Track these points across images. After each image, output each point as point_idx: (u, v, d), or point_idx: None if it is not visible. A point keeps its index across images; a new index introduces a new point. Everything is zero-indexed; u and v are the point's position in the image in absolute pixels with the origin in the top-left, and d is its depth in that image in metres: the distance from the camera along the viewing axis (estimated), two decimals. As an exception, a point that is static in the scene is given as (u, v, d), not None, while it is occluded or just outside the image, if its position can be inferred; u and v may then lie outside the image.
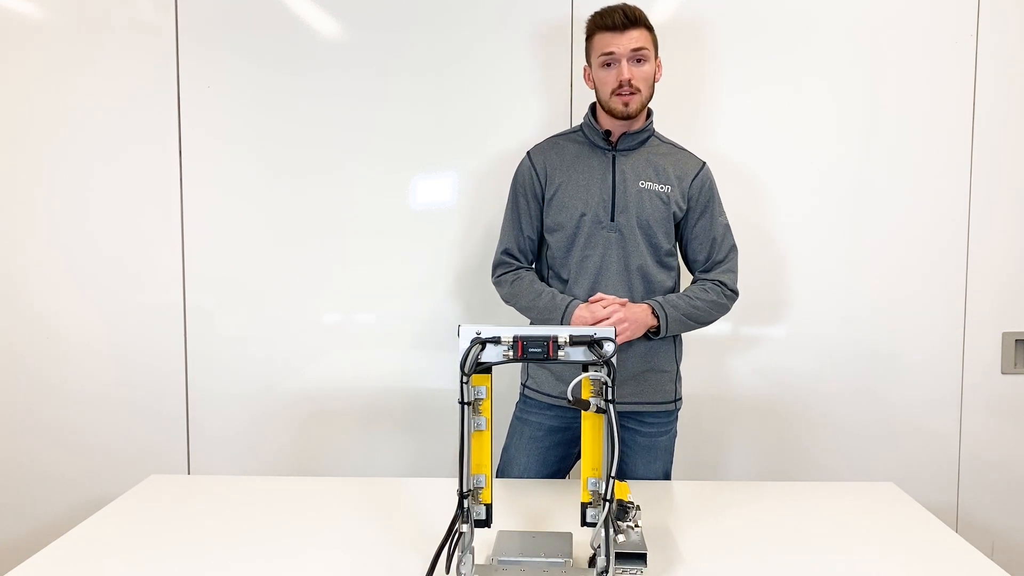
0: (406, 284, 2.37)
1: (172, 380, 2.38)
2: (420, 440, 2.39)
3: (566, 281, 1.88)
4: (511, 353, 1.28)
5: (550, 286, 1.90)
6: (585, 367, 1.29)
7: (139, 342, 2.37)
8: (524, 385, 1.98)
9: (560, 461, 1.96)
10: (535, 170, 1.91)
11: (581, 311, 1.76)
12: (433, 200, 2.36)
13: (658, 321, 1.79)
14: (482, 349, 1.28)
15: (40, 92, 2.33)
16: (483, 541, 1.39)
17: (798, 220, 2.34)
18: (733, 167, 2.32)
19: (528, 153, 1.96)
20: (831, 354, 2.36)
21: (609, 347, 1.26)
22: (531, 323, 1.91)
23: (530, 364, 1.96)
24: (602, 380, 1.26)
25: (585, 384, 1.31)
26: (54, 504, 2.39)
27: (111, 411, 2.39)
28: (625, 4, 1.83)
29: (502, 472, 1.95)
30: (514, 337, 1.27)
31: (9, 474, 2.40)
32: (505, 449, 1.98)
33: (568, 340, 1.28)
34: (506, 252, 1.95)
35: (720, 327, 2.35)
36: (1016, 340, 2.35)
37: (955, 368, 2.36)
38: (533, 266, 1.99)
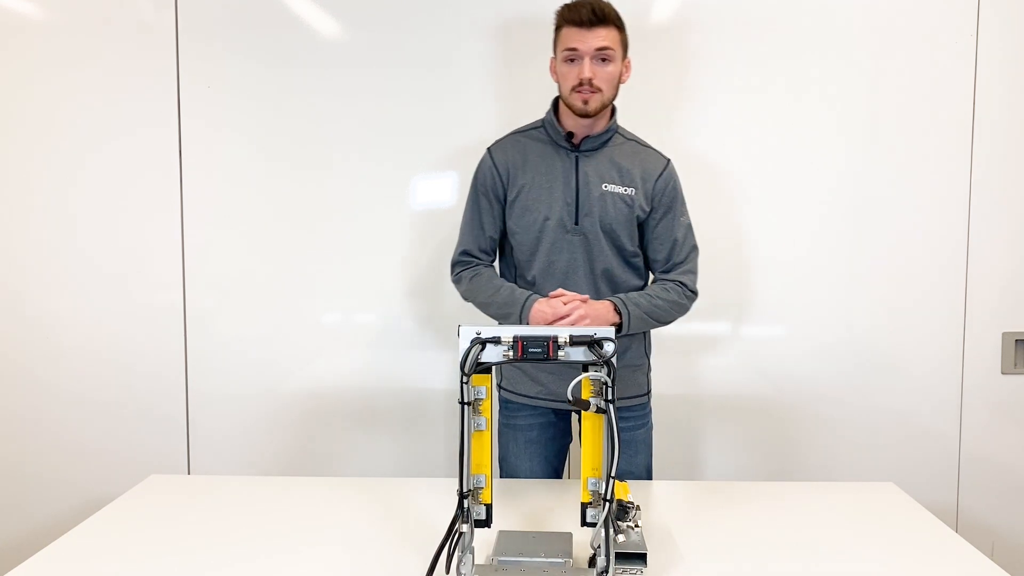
0: (406, 284, 2.37)
1: (172, 380, 2.38)
2: (420, 440, 2.39)
3: (532, 283, 1.85)
4: (511, 353, 1.27)
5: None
6: (585, 367, 1.29)
7: (139, 342, 2.37)
8: (499, 386, 1.96)
9: (558, 455, 1.96)
10: (496, 169, 1.86)
11: (541, 306, 1.71)
12: (433, 199, 2.36)
13: (620, 318, 1.75)
14: (482, 349, 1.28)
15: (39, 91, 2.33)
16: (483, 541, 1.39)
17: (798, 220, 2.34)
18: (733, 168, 2.32)
19: (489, 150, 1.90)
20: (831, 354, 2.36)
21: (609, 347, 1.26)
22: (498, 321, 1.86)
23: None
24: (602, 380, 1.26)
25: (585, 384, 1.31)
26: (54, 504, 2.39)
27: (111, 411, 2.39)
28: (597, 0, 1.76)
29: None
30: (514, 337, 1.27)
31: (9, 475, 2.40)
32: (503, 459, 1.96)
33: (568, 340, 1.28)
34: (465, 252, 1.90)
35: (720, 327, 2.36)
36: (1016, 340, 2.35)
37: (955, 368, 2.36)
38: (495, 265, 1.96)
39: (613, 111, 1.86)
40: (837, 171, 2.32)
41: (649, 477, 1.96)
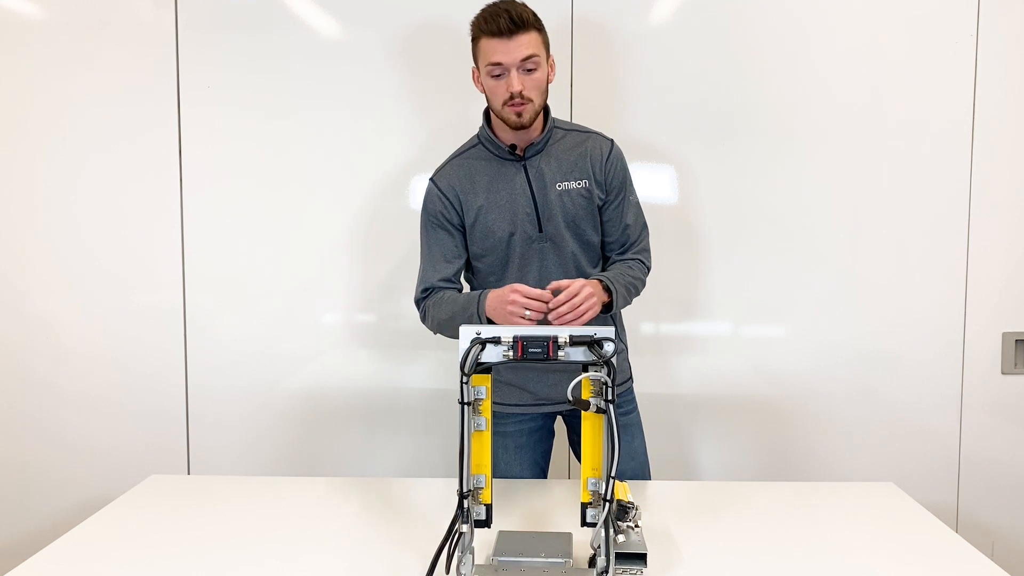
0: (406, 284, 2.36)
1: (172, 380, 2.38)
2: (420, 440, 2.39)
3: None
4: (511, 353, 1.28)
5: None
6: (585, 367, 1.29)
7: (139, 342, 2.38)
8: None
9: (544, 456, 1.96)
10: (446, 197, 1.79)
11: (503, 292, 1.60)
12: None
13: (610, 296, 1.71)
14: (482, 349, 1.28)
15: (39, 92, 2.33)
16: (483, 541, 1.39)
17: (799, 221, 2.34)
18: (732, 168, 2.32)
19: (432, 180, 1.82)
20: (832, 354, 2.36)
21: (609, 347, 1.26)
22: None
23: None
24: (602, 380, 1.26)
25: (585, 384, 1.31)
26: (54, 504, 2.39)
27: (111, 411, 2.39)
28: (511, 5, 1.68)
29: None
30: (514, 337, 1.27)
31: (10, 474, 2.40)
32: (493, 466, 1.93)
33: (568, 340, 1.28)
34: (427, 288, 1.83)
35: (720, 327, 2.35)
36: (1016, 340, 2.35)
37: (955, 368, 2.36)
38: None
39: (547, 113, 1.81)
40: (837, 171, 2.32)
41: (646, 459, 1.95)
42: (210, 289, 2.37)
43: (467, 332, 1.29)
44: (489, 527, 1.33)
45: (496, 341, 1.28)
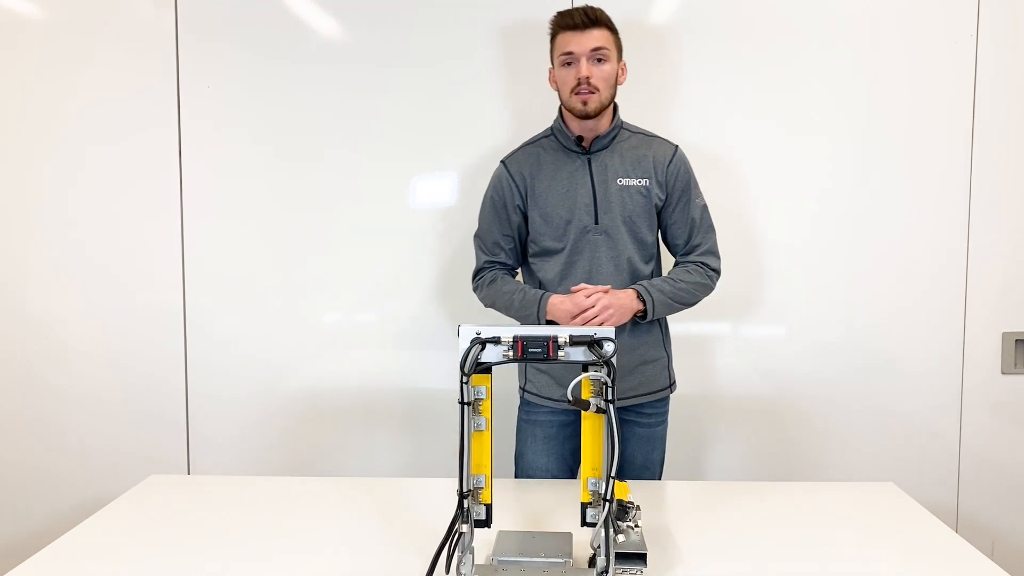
0: (406, 284, 2.37)
1: (172, 380, 2.38)
2: (420, 440, 2.39)
3: (558, 286, 1.88)
4: (511, 353, 1.28)
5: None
6: (585, 367, 1.29)
7: (139, 342, 2.37)
8: (523, 389, 1.98)
9: (573, 455, 1.97)
10: (513, 180, 1.91)
11: (558, 301, 1.77)
12: (434, 199, 2.36)
13: (644, 305, 1.80)
14: (482, 349, 1.28)
15: (39, 90, 2.33)
16: (483, 541, 1.39)
17: (799, 221, 2.34)
18: (732, 169, 2.32)
19: (503, 162, 1.95)
20: (832, 354, 2.36)
21: (609, 347, 1.26)
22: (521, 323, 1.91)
23: (528, 369, 1.96)
24: (602, 380, 1.26)
25: (585, 384, 1.31)
26: (54, 504, 2.39)
27: (111, 411, 2.39)
28: (587, 5, 1.83)
29: (522, 477, 1.96)
30: (514, 337, 1.27)
31: (9, 474, 2.40)
32: (521, 455, 1.98)
33: (568, 340, 1.28)
34: (486, 261, 1.95)
35: (720, 327, 2.36)
36: (1016, 340, 2.35)
37: (955, 368, 2.36)
38: (518, 272, 1.99)
39: (615, 110, 1.91)
40: (837, 171, 2.32)
41: (661, 471, 1.98)
42: (210, 289, 2.37)
43: (467, 332, 1.29)
44: (489, 527, 1.33)
45: (496, 341, 1.28)
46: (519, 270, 2.01)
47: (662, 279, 1.88)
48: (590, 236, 1.85)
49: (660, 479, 1.96)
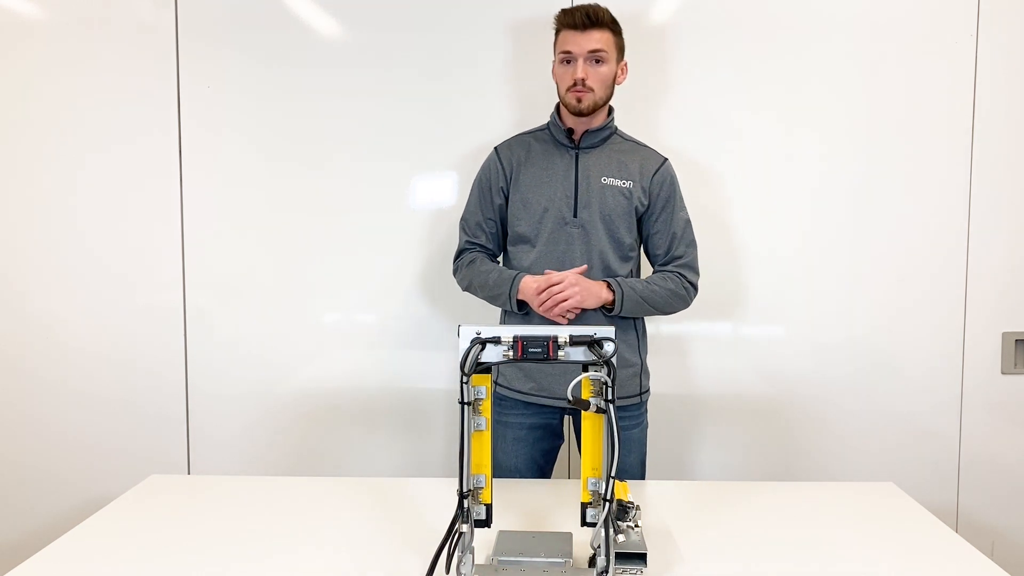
0: (406, 284, 2.37)
1: (172, 380, 2.38)
2: (420, 440, 2.39)
3: (530, 273, 1.89)
4: (511, 353, 1.27)
5: None
6: (585, 367, 1.29)
7: (139, 342, 2.37)
8: (495, 383, 1.97)
9: (546, 455, 1.97)
10: (501, 165, 1.96)
11: (533, 280, 1.81)
12: (433, 199, 2.36)
13: (613, 296, 1.81)
14: (482, 349, 1.28)
15: (39, 91, 2.33)
16: (483, 541, 1.39)
17: (799, 221, 2.34)
18: (732, 169, 2.32)
19: (495, 148, 2.00)
20: (832, 354, 2.36)
21: (609, 347, 1.26)
22: (493, 304, 1.95)
23: None
24: (602, 380, 1.26)
25: (585, 384, 1.31)
26: (54, 504, 2.39)
27: (111, 411, 2.39)
28: (592, 4, 1.86)
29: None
30: (514, 337, 1.27)
31: (9, 474, 2.40)
32: (491, 456, 1.96)
33: (568, 340, 1.28)
34: (467, 242, 1.99)
35: (721, 327, 2.36)
36: (1016, 340, 2.35)
37: (955, 368, 2.36)
38: (499, 260, 2.02)
39: (610, 111, 1.94)
40: (837, 171, 2.32)
41: (643, 474, 1.97)
42: (210, 289, 2.37)
43: (467, 332, 1.29)
44: (489, 527, 1.33)
45: (496, 341, 1.28)
46: (499, 258, 2.03)
47: (636, 279, 1.90)
48: (567, 228, 1.87)
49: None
